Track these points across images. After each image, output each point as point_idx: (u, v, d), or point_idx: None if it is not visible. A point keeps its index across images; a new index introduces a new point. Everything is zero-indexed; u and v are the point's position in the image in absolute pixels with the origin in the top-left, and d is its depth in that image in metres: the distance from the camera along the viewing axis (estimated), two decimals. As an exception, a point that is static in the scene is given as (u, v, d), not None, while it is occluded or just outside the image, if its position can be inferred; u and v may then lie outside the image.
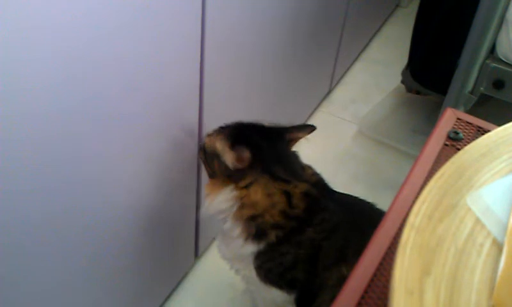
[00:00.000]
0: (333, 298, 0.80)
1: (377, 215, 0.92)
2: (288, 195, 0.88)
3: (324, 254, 0.87)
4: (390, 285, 0.38)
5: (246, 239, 0.89)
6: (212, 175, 0.94)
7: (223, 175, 0.90)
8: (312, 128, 1.00)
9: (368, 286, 0.46)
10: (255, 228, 0.88)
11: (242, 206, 0.88)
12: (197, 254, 1.26)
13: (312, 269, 0.87)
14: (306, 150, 1.69)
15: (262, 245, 0.89)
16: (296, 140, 1.00)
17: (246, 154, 0.87)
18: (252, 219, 0.88)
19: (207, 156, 0.93)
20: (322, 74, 1.76)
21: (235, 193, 0.88)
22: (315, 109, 1.83)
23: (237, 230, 0.89)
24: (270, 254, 0.89)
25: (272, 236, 0.87)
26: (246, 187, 0.87)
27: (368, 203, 0.97)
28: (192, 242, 1.22)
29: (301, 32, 1.38)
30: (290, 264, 0.88)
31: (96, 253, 0.87)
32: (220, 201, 0.89)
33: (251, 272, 0.92)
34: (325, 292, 0.85)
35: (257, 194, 0.87)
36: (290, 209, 0.88)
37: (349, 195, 0.99)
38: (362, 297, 0.45)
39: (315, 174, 0.99)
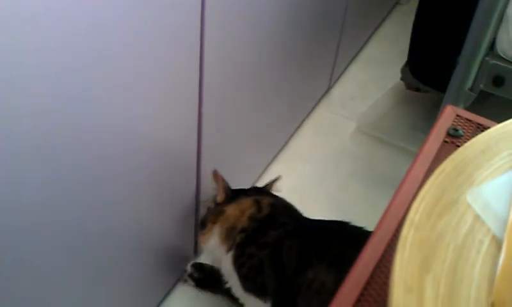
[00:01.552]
0: (309, 301, 0.88)
1: (350, 229, 1.04)
2: (258, 203, 1.07)
3: (288, 256, 0.97)
4: (389, 281, 0.38)
5: (228, 252, 1.05)
6: (203, 229, 1.11)
7: (211, 221, 1.09)
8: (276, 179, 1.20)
9: (368, 282, 0.46)
10: (232, 239, 1.04)
11: (222, 224, 1.06)
12: (196, 252, 1.27)
13: (279, 274, 0.97)
14: (306, 147, 1.70)
15: (233, 250, 1.04)
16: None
17: (225, 184, 1.10)
18: (229, 231, 1.05)
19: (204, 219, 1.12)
20: (321, 72, 1.76)
21: (218, 225, 1.07)
22: (314, 106, 1.83)
23: (223, 247, 1.06)
24: (241, 259, 1.02)
25: (238, 238, 1.03)
26: (225, 209, 1.08)
27: (341, 222, 1.06)
28: (192, 242, 1.22)
29: (301, 29, 1.38)
30: (257, 267, 1.00)
31: (101, 253, 0.87)
32: (214, 239, 1.07)
33: (238, 285, 1.04)
34: (302, 297, 0.93)
35: (232, 208, 1.08)
36: (257, 213, 1.05)
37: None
38: (362, 294, 0.45)
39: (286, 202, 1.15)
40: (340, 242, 0.98)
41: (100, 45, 0.69)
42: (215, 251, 1.09)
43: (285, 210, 1.10)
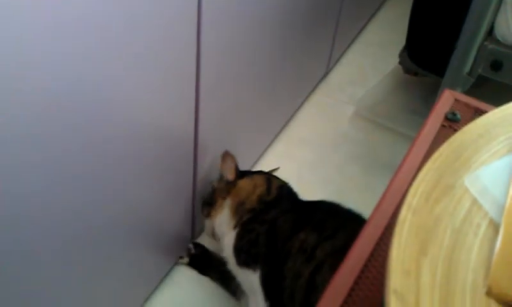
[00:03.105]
0: (295, 263, 0.94)
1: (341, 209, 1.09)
2: (269, 182, 1.14)
3: (281, 228, 1.03)
4: (386, 265, 0.39)
5: (234, 228, 1.09)
6: (209, 207, 1.16)
7: (221, 198, 1.14)
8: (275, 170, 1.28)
9: (365, 266, 0.47)
10: (239, 215, 1.10)
11: (234, 198, 1.12)
12: (193, 237, 1.27)
13: (271, 245, 1.02)
14: (303, 131, 1.70)
15: (238, 227, 1.09)
16: None
17: (234, 164, 1.16)
18: (238, 207, 1.11)
19: (210, 198, 1.17)
20: (319, 56, 1.75)
21: (229, 198, 1.13)
22: (312, 90, 1.83)
23: (231, 223, 1.10)
24: (241, 234, 1.07)
25: (246, 217, 1.08)
26: (238, 183, 1.14)
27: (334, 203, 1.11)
28: (189, 226, 1.23)
29: (299, 13, 1.37)
30: (254, 240, 1.05)
31: (96, 235, 0.87)
32: (224, 213, 1.12)
33: (233, 260, 1.08)
34: (290, 260, 0.97)
35: (245, 182, 1.14)
36: (266, 195, 1.11)
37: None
38: (359, 277, 0.46)
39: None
40: (325, 212, 1.06)
41: (97, 26, 0.68)
42: (222, 226, 1.13)
43: (289, 194, 1.15)
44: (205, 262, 1.23)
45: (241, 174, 1.17)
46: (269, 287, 1.00)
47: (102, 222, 0.88)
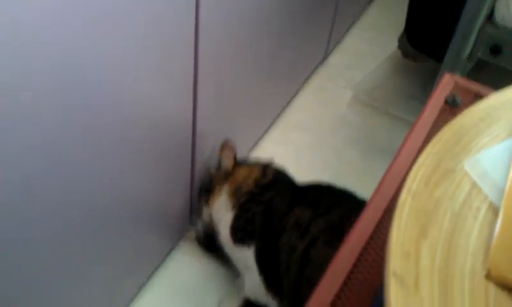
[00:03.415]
0: (290, 238, 0.98)
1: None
2: (265, 169, 1.16)
3: (276, 208, 1.06)
4: (386, 247, 0.39)
5: (231, 209, 1.12)
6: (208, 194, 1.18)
7: (219, 184, 1.16)
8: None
9: (364, 248, 0.47)
10: (236, 198, 1.12)
11: (231, 184, 1.14)
12: (191, 222, 1.28)
13: (267, 222, 1.06)
14: (302, 115, 1.70)
15: (235, 209, 1.11)
16: None
17: (232, 154, 1.18)
18: (236, 191, 1.13)
19: (208, 185, 1.19)
20: (317, 40, 1.74)
21: (227, 185, 1.15)
22: (311, 74, 1.82)
23: (228, 206, 1.12)
24: (238, 215, 1.10)
25: (243, 199, 1.11)
26: (235, 170, 1.16)
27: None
28: (188, 208, 1.23)
29: (298, -4, 1.37)
30: (250, 219, 1.08)
31: (95, 216, 0.87)
32: (222, 199, 1.14)
33: (229, 239, 1.11)
34: (285, 235, 1.00)
35: (241, 169, 1.16)
36: (262, 178, 1.13)
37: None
38: (358, 259, 0.46)
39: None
40: (320, 191, 1.09)
41: (93, 3, 0.67)
42: (220, 212, 1.15)
43: (285, 178, 1.17)
44: (212, 239, 1.24)
45: (239, 163, 1.19)
46: (263, 261, 1.04)
47: (100, 208, 0.88)
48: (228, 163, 1.17)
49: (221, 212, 1.14)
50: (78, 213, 0.83)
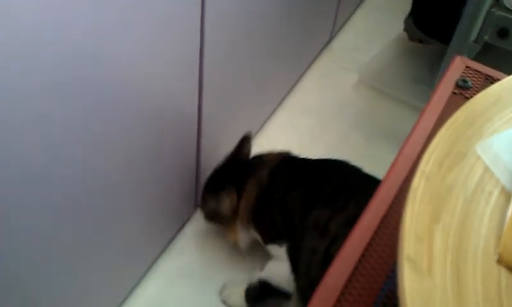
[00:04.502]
0: (310, 238, 0.97)
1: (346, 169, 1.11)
2: (259, 180, 1.10)
3: (292, 204, 1.04)
4: (399, 231, 0.39)
5: (248, 223, 1.11)
6: (224, 222, 1.16)
7: (230, 219, 1.13)
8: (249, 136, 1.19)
9: (376, 233, 0.47)
10: (247, 214, 1.11)
11: (240, 217, 1.12)
12: (196, 203, 1.28)
13: (287, 219, 1.04)
14: (307, 99, 1.69)
15: (251, 224, 1.11)
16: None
17: (232, 195, 1.12)
18: (245, 212, 1.11)
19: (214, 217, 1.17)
20: (323, 22, 1.73)
21: (237, 219, 1.13)
22: (316, 57, 1.81)
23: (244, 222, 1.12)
24: (257, 224, 1.10)
25: (252, 209, 1.10)
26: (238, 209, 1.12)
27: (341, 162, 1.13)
28: (193, 193, 1.23)
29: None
30: (269, 222, 1.07)
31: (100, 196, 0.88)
32: (241, 235, 1.14)
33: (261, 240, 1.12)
34: (307, 235, 0.99)
35: (244, 200, 1.11)
36: (259, 190, 1.09)
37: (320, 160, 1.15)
38: (369, 243, 0.46)
39: (280, 153, 1.17)
40: (335, 183, 1.05)
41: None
42: (243, 237, 1.16)
43: (284, 170, 1.13)
44: None
45: (237, 187, 1.13)
46: (293, 261, 1.03)
47: (104, 191, 0.88)
48: (228, 212, 1.13)
49: (244, 237, 1.15)
50: (86, 197, 0.83)
